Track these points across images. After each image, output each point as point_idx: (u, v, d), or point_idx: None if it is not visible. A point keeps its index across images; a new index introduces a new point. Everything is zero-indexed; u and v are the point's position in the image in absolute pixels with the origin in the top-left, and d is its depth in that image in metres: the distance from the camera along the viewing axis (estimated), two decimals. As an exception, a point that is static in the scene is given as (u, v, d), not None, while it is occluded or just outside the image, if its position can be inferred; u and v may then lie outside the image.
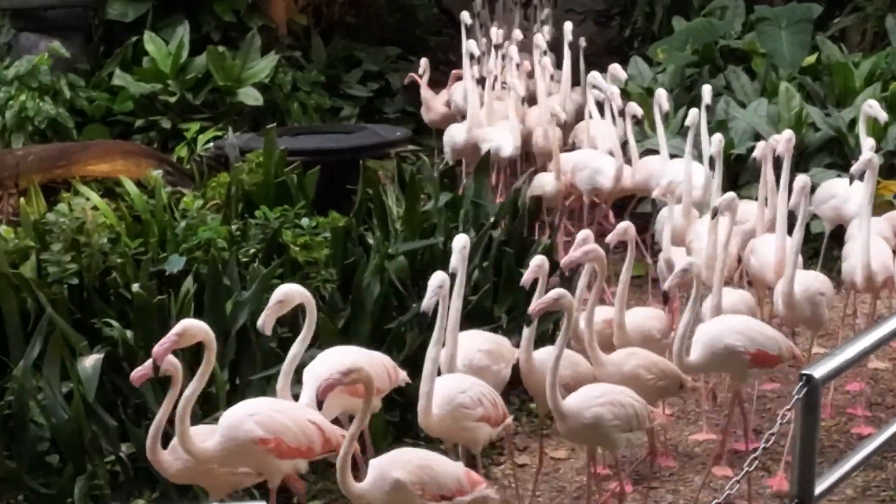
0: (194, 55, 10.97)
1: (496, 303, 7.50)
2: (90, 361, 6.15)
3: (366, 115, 11.81)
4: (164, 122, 10.64)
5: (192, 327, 5.07)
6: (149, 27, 11.10)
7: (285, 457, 5.16)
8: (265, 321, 5.42)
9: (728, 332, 6.03)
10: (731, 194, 6.77)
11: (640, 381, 5.95)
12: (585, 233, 6.33)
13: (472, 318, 7.04)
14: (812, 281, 6.68)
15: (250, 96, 10.81)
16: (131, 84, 10.78)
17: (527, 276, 5.97)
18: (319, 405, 5.19)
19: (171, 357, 5.07)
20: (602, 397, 5.59)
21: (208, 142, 9.53)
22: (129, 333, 6.31)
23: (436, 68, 13.03)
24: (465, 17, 10.90)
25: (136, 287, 6.42)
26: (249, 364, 6.51)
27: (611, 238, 6.58)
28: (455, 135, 9.72)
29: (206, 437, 5.18)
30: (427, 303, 5.50)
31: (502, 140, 9.33)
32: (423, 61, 11.08)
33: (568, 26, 10.35)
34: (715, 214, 6.79)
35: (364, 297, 6.90)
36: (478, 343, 6.08)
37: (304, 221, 7.31)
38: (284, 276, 6.93)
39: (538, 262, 5.99)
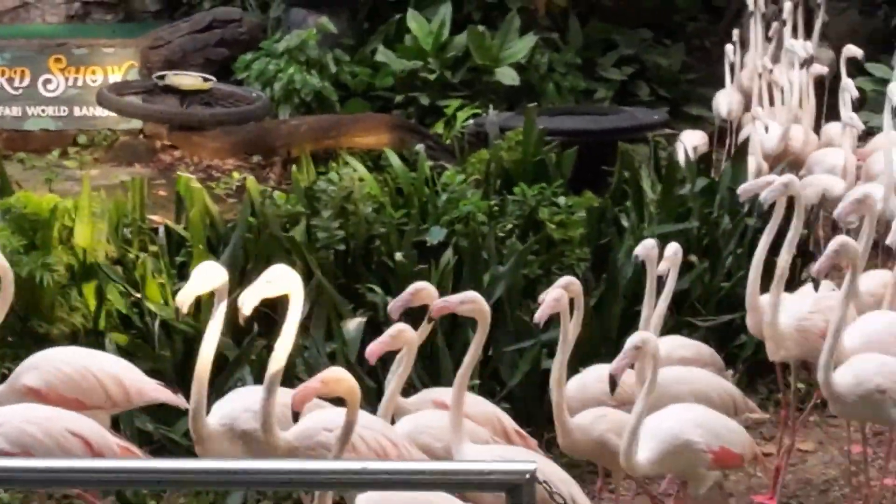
0: (455, 34, 11.20)
1: (748, 290, 7.48)
2: (353, 324, 6.44)
3: (619, 99, 11.83)
4: (423, 98, 10.90)
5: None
6: (412, 5, 11.38)
7: None
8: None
9: (687, 426, 5.19)
10: None
11: None
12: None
13: (728, 304, 7.09)
14: None
15: (507, 76, 10.98)
16: (393, 60, 11.09)
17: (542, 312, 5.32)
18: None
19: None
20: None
21: (467, 119, 9.75)
22: (390, 300, 6.55)
23: (689, 53, 12.97)
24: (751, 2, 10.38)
25: (398, 256, 6.68)
26: (503, 337, 6.68)
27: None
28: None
29: None
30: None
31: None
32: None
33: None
34: None
35: (617, 277, 6.99)
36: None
37: (561, 200, 7.44)
38: (540, 252, 7.09)
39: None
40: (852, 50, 9.58)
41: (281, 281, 4.98)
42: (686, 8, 13.39)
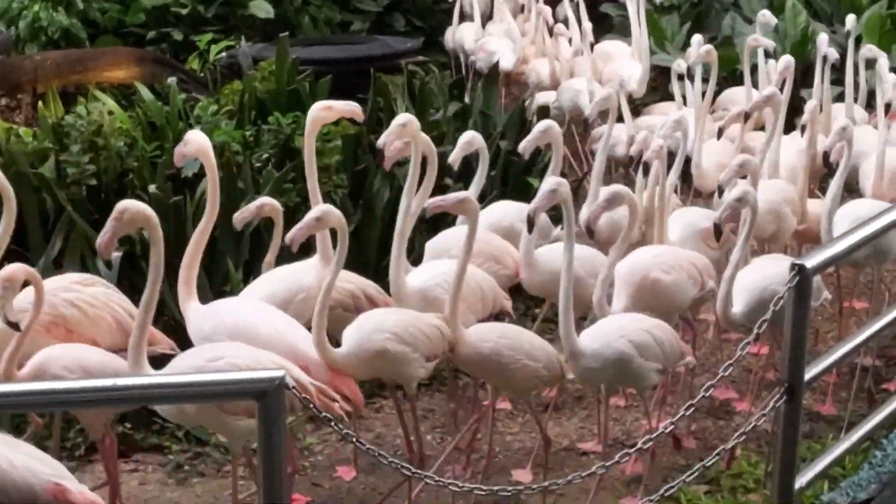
0: (206, -33, 11.06)
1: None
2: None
3: (376, 29, 11.90)
4: (176, 33, 10.75)
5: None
6: (162, -62, 11.17)
7: None
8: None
9: None
10: None
11: None
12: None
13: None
14: None
15: (261, 9, 10.91)
16: (143, -5, 10.88)
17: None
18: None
19: None
20: None
21: (220, 52, 9.66)
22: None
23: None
24: None
25: (152, 188, 6.60)
26: (259, 266, 6.69)
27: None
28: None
29: None
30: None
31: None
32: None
33: None
34: None
35: (374, 203, 7.09)
36: None
37: (316, 128, 7.44)
38: (297, 180, 7.10)
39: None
40: None
41: None
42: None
